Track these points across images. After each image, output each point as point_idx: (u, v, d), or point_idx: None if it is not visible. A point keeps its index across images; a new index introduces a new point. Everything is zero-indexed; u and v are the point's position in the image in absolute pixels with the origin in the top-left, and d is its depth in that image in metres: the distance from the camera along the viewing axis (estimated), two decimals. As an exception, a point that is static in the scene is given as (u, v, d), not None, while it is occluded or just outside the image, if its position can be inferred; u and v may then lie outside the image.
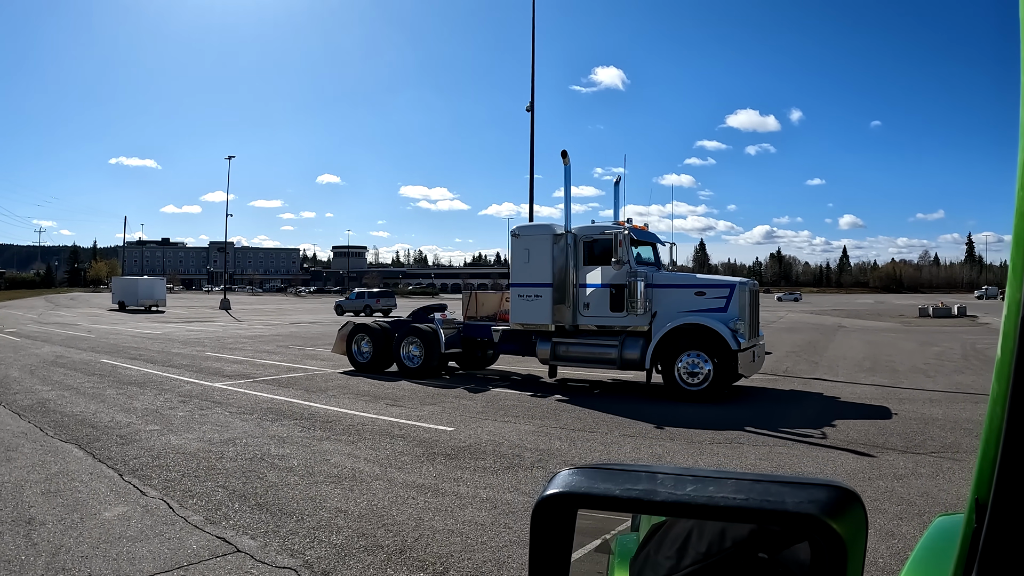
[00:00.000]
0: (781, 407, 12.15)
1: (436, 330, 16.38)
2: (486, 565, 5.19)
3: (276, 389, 13.82)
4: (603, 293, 14.08)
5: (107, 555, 5.22)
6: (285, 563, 5.17)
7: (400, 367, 16.59)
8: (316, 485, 7.20)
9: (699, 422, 10.62)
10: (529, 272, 14.77)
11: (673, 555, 0.93)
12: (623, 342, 13.75)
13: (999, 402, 0.61)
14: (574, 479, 0.82)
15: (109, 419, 10.53)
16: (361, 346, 17.40)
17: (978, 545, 0.63)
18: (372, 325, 17.56)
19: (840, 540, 0.69)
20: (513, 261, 15.15)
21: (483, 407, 11.90)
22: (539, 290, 14.59)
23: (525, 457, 8.42)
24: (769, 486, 0.74)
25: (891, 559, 5.26)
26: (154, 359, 19.19)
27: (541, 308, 14.56)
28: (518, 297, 14.96)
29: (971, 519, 0.66)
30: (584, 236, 14.45)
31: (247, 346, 23.77)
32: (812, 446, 9.08)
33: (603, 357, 14.02)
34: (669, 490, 0.77)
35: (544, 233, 14.79)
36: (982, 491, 0.64)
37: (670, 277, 14.53)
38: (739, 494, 0.73)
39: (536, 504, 0.83)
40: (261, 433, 9.65)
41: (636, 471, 0.80)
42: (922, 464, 8.16)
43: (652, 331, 13.46)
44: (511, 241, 15.18)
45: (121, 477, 7.43)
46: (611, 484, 0.79)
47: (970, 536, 0.65)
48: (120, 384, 14.27)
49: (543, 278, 14.55)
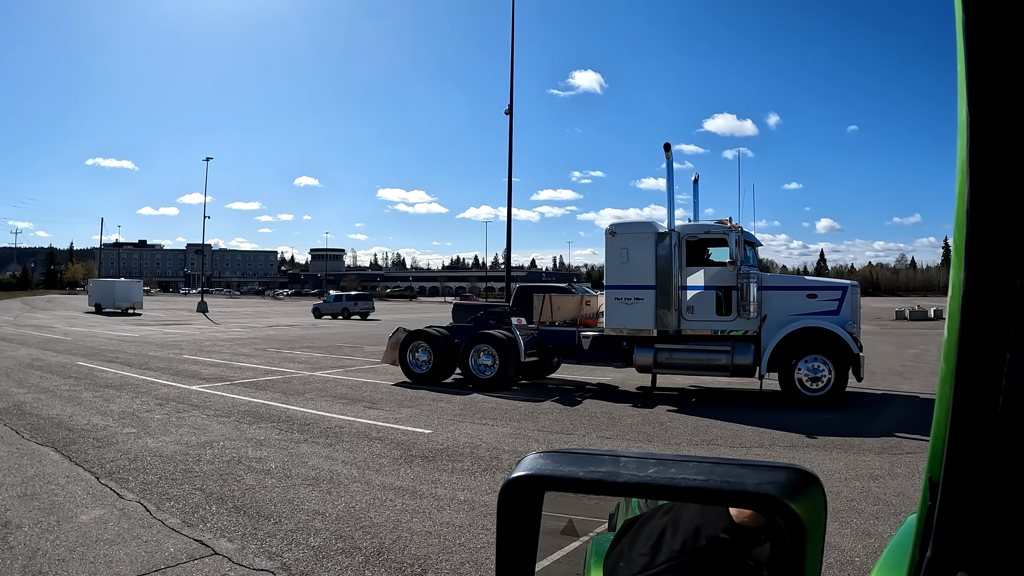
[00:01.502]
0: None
1: (515, 337, 14.89)
2: (464, 567, 5.19)
3: (254, 392, 13.72)
4: (708, 295, 13.22)
5: (84, 558, 5.16)
6: (263, 566, 5.14)
7: (469, 378, 15.00)
8: (294, 488, 7.17)
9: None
10: (628, 273, 13.67)
11: (647, 552, 0.93)
12: (734, 347, 13.02)
13: (947, 381, 0.63)
14: (540, 462, 0.83)
15: (86, 422, 10.41)
16: (417, 355, 15.76)
17: (932, 522, 0.65)
18: (432, 332, 15.91)
19: (799, 520, 0.70)
20: (609, 261, 13.96)
21: (460, 410, 11.90)
22: (640, 292, 13.55)
23: (503, 459, 8.43)
24: (730, 468, 0.74)
25: (867, 558, 5.32)
26: (131, 362, 18.98)
27: (643, 312, 13.53)
28: (615, 300, 13.84)
29: (925, 498, 0.67)
30: (688, 235, 13.56)
31: (224, 349, 23.58)
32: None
33: (712, 363, 13.19)
34: (632, 472, 0.77)
35: (646, 231, 13.74)
36: (935, 470, 0.66)
37: (781, 279, 13.97)
38: (700, 475, 0.74)
39: (503, 486, 0.83)
40: (239, 436, 9.58)
41: (600, 455, 0.81)
42: (898, 464, 8.26)
43: (762, 335, 12.87)
44: (607, 239, 13.94)
45: (98, 480, 7.35)
46: (576, 467, 0.80)
47: (925, 515, 0.67)
48: (97, 387, 14.09)
49: (645, 279, 13.52)
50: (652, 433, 10.29)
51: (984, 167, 0.57)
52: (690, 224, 13.97)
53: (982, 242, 0.58)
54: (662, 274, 13.40)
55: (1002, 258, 0.58)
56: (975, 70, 0.57)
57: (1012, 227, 0.57)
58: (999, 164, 0.57)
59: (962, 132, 0.59)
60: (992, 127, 0.57)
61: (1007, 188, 0.57)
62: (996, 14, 0.55)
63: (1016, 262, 0.57)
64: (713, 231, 13.45)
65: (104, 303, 54.29)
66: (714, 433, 10.21)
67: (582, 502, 1.54)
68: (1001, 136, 0.56)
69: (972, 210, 0.58)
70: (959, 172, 0.60)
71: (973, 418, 0.60)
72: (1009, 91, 0.56)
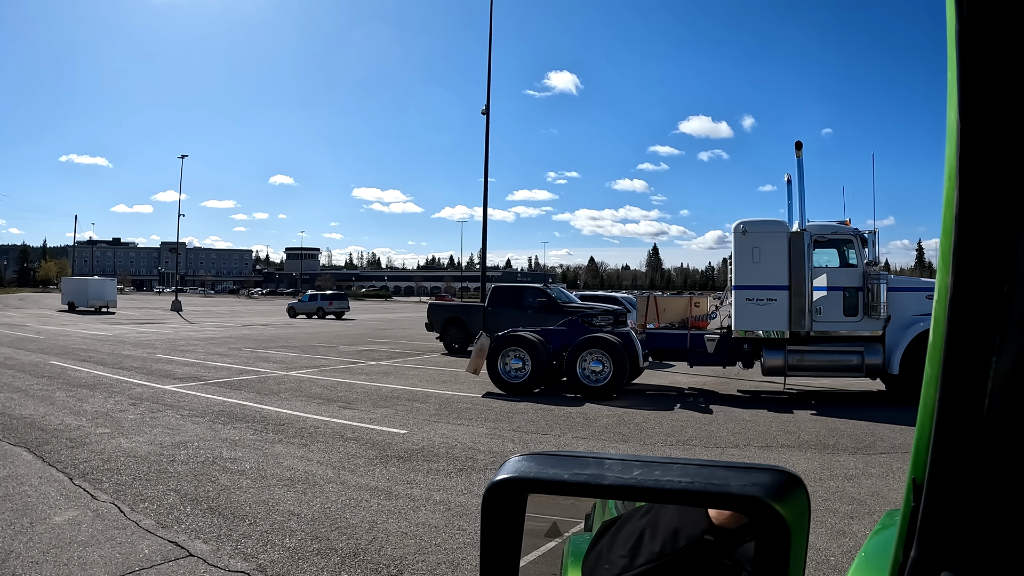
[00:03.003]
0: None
1: (631, 341, 13.98)
2: (440, 567, 5.19)
3: (228, 392, 13.59)
4: (835, 296, 12.96)
5: (58, 560, 5.10)
6: (238, 567, 5.11)
7: (577, 387, 13.73)
8: (269, 488, 7.12)
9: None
10: (760, 273, 13.30)
11: (627, 554, 0.93)
12: (865, 348, 12.82)
13: (932, 384, 0.63)
14: (524, 465, 0.82)
15: (59, 422, 10.26)
16: (510, 362, 14.24)
17: (916, 524, 0.65)
18: (529, 336, 14.38)
19: (783, 522, 0.70)
20: (738, 261, 13.53)
21: (436, 410, 11.88)
22: (773, 293, 13.21)
23: (479, 460, 8.43)
24: (715, 470, 0.74)
25: (842, 557, 5.38)
26: (104, 361, 18.72)
27: (776, 313, 13.19)
28: (746, 301, 13.43)
29: (909, 499, 0.68)
30: (818, 235, 13.31)
31: (199, 348, 23.33)
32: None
33: (844, 364, 12.99)
34: (616, 474, 0.77)
35: (779, 230, 13.43)
36: (919, 472, 0.66)
37: (904, 281, 13.88)
38: (685, 477, 0.74)
39: (487, 489, 0.83)
40: (213, 436, 9.50)
41: (584, 457, 0.81)
42: (872, 464, 8.34)
43: (887, 336, 12.78)
44: (735, 238, 13.55)
45: (71, 481, 7.25)
46: (560, 469, 0.80)
47: (908, 516, 0.67)
48: (70, 386, 13.88)
49: (778, 280, 13.19)
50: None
51: (973, 174, 0.58)
52: (818, 224, 13.64)
53: (970, 247, 0.59)
54: (795, 275, 13.13)
55: (990, 263, 0.58)
56: (967, 79, 0.58)
57: (1000, 233, 0.58)
58: (988, 171, 0.57)
59: (951, 139, 0.59)
60: (981, 134, 0.57)
61: (995, 194, 0.57)
62: (990, 24, 0.56)
63: (1003, 267, 0.58)
64: (840, 232, 13.35)
65: (77, 301, 53.43)
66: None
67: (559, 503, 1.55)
68: (990, 143, 0.57)
69: (960, 216, 0.59)
70: (947, 178, 0.60)
71: (958, 421, 0.61)
72: (999, 100, 0.57)
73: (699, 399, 13.69)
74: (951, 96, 0.59)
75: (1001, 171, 0.57)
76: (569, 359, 13.86)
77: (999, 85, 0.56)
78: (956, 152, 0.59)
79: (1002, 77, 0.56)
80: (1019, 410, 0.58)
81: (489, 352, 14.39)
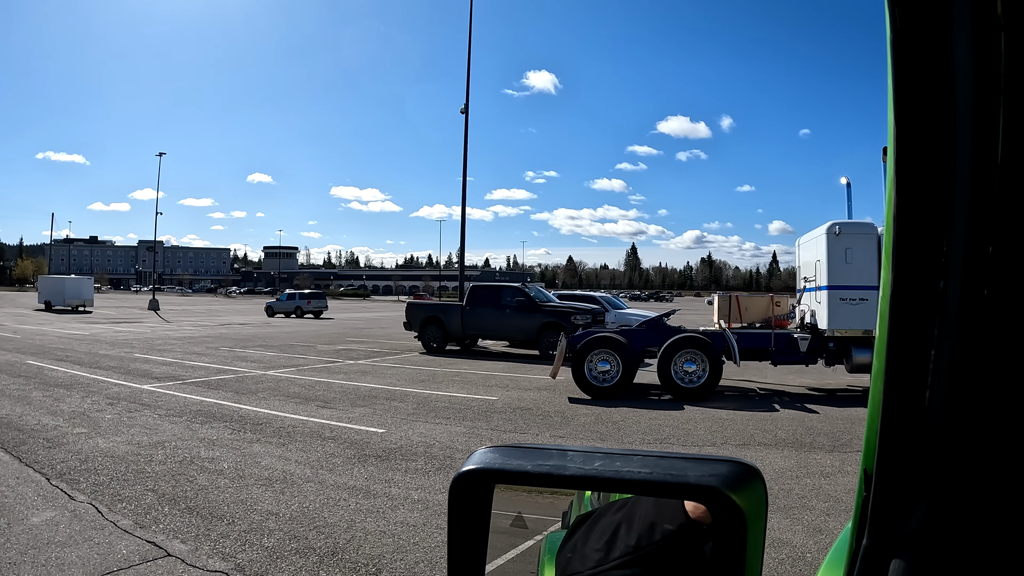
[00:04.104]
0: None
1: (729, 343, 13.89)
2: (419, 566, 5.21)
3: (206, 391, 13.50)
4: None
5: (36, 561, 5.06)
6: (216, 567, 5.10)
7: (670, 388, 13.55)
8: (247, 488, 7.11)
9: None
10: (853, 273, 13.40)
11: (602, 547, 0.92)
12: None
13: (878, 377, 0.65)
14: (489, 456, 0.83)
15: (35, 422, 10.16)
16: (597, 365, 13.63)
17: (867, 512, 0.67)
18: (618, 337, 13.97)
19: (740, 512, 0.71)
20: (831, 261, 13.57)
21: (414, 409, 11.88)
22: (865, 293, 13.33)
23: (455, 458, 8.46)
24: (674, 461, 0.75)
25: (819, 554, 5.41)
26: (81, 360, 18.51)
27: (868, 312, 13.30)
28: (839, 301, 13.55)
29: (861, 489, 0.69)
30: None
31: (176, 347, 23.13)
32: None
33: None
34: (578, 465, 0.78)
35: (869, 232, 13.50)
36: (869, 462, 0.67)
37: None
38: (644, 468, 0.75)
39: (453, 480, 0.83)
40: (191, 436, 9.45)
41: (548, 449, 0.82)
42: (848, 462, 8.41)
43: None
44: (828, 239, 13.61)
45: (48, 481, 7.19)
46: (524, 461, 0.81)
47: (860, 506, 0.69)
48: (46, 386, 13.72)
49: (869, 280, 13.24)
50: None
51: (908, 176, 0.60)
52: None
53: (907, 246, 0.61)
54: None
55: (926, 261, 0.60)
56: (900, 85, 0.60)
57: (934, 232, 0.59)
58: (921, 173, 0.59)
59: (891, 143, 0.61)
60: (914, 139, 0.59)
61: (928, 195, 0.59)
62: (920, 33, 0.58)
63: (939, 265, 0.59)
64: None
65: (54, 300, 52.71)
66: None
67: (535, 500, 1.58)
68: (922, 147, 0.59)
69: (898, 216, 0.61)
70: (888, 180, 0.62)
71: (902, 412, 0.63)
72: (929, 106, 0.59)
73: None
74: (889, 102, 0.61)
75: (933, 173, 0.59)
76: (663, 359, 13.55)
77: (929, 92, 0.58)
78: (893, 155, 0.61)
79: (932, 85, 0.58)
80: (958, 401, 0.60)
81: (575, 354, 13.67)
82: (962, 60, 0.57)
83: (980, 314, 0.58)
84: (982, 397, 0.59)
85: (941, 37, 0.57)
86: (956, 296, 0.59)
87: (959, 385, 0.60)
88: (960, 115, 0.58)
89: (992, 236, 0.57)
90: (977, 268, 0.58)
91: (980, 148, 0.57)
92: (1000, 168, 0.56)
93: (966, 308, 0.59)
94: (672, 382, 13.51)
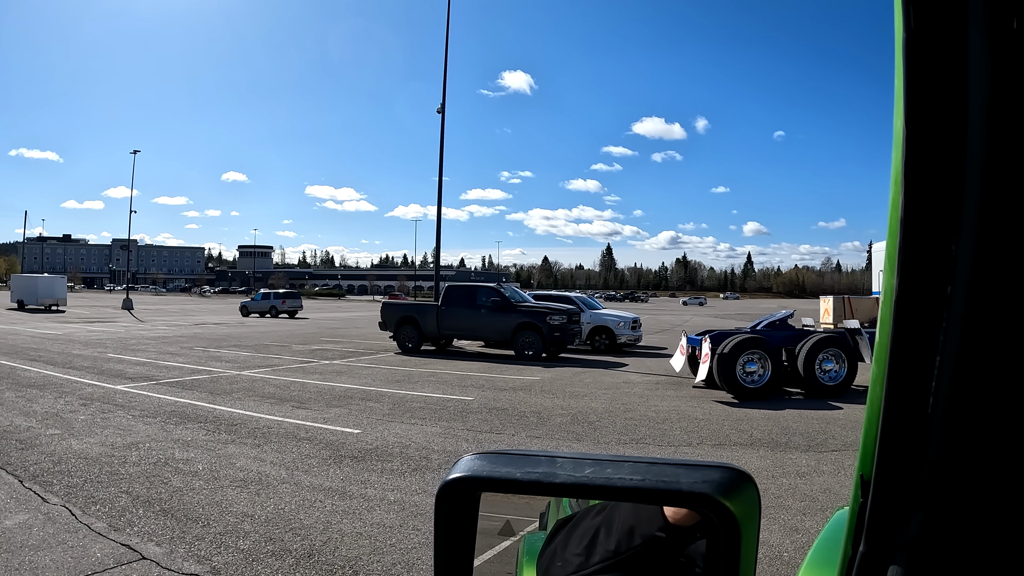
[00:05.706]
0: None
1: (864, 341, 13.60)
2: (396, 567, 5.20)
3: (180, 391, 13.35)
4: None
5: (8, 565, 4.99)
6: (192, 570, 5.06)
7: (812, 388, 13.45)
8: (222, 489, 7.05)
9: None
10: None
11: (582, 552, 0.93)
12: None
13: (878, 383, 0.64)
14: (476, 463, 0.82)
15: (7, 423, 10.00)
16: (746, 366, 13.30)
17: (864, 520, 0.66)
18: (765, 338, 13.73)
19: (733, 518, 0.71)
20: None
21: (390, 409, 11.84)
22: None
23: (432, 459, 8.45)
24: (665, 468, 0.74)
25: (795, 553, 5.46)
26: (54, 360, 18.23)
27: None
28: None
29: (857, 495, 0.68)
30: None
31: (150, 347, 22.84)
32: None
33: None
34: (568, 472, 0.77)
35: None
36: (866, 468, 0.67)
37: None
38: (636, 475, 0.74)
39: (440, 488, 0.82)
40: (165, 437, 9.35)
41: (536, 456, 0.80)
42: (824, 462, 8.46)
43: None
44: None
45: (21, 483, 7.08)
46: (512, 468, 0.79)
47: (857, 512, 0.68)
48: (19, 387, 13.50)
49: None
50: None
51: (917, 179, 0.59)
52: None
53: (914, 250, 0.60)
54: None
55: (934, 266, 0.59)
56: (912, 87, 0.59)
57: (944, 236, 0.59)
58: (931, 176, 0.59)
59: (897, 144, 0.60)
60: (925, 141, 0.59)
61: (938, 199, 0.59)
62: (935, 34, 0.58)
63: (947, 270, 0.59)
64: None
65: (27, 299, 51.80)
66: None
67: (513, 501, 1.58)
68: (933, 149, 0.59)
69: (906, 219, 0.60)
70: (893, 183, 0.61)
71: (904, 419, 0.62)
72: (941, 108, 0.58)
73: None
74: (897, 103, 0.60)
75: (943, 176, 0.58)
76: (808, 358, 13.51)
77: (942, 94, 0.58)
78: (902, 158, 0.60)
79: (945, 86, 0.58)
80: (962, 408, 0.60)
81: (727, 355, 13.27)
82: (976, 62, 0.57)
83: (987, 321, 0.58)
84: (986, 405, 0.60)
85: (956, 38, 0.57)
86: (963, 302, 0.59)
87: (963, 393, 0.60)
88: (972, 117, 0.58)
89: (1003, 242, 0.57)
90: (986, 274, 0.58)
91: (993, 151, 0.57)
92: (1013, 172, 0.56)
93: (973, 314, 0.59)
94: (816, 382, 13.52)
